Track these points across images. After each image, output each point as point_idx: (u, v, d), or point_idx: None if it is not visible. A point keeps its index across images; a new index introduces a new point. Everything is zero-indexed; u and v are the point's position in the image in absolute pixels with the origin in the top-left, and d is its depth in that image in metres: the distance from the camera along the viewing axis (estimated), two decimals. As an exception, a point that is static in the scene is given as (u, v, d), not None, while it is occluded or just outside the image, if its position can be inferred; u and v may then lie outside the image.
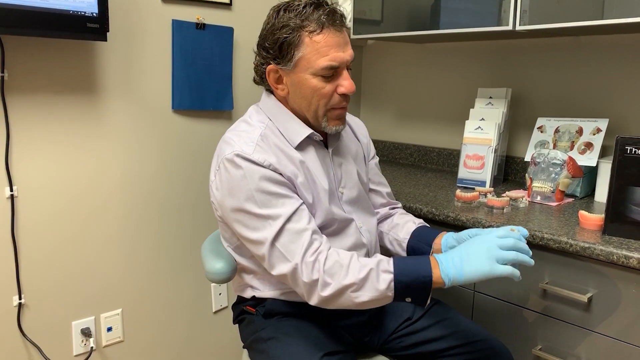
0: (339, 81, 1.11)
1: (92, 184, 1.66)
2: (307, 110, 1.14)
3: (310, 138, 1.17)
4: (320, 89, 1.10)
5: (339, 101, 1.13)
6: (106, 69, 1.63)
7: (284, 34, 1.07)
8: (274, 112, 1.17)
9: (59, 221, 1.60)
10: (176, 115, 1.82)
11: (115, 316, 1.76)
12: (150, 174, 1.78)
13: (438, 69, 2.11)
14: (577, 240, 1.17)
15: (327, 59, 1.07)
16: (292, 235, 1.03)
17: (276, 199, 1.05)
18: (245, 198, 1.05)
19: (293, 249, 1.02)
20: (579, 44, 1.71)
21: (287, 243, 1.03)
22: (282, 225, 1.03)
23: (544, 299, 1.26)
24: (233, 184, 1.07)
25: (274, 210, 1.04)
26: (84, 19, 1.43)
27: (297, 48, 1.07)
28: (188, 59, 1.79)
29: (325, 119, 1.14)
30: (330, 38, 1.07)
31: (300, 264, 1.01)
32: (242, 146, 1.08)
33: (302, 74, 1.09)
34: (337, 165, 1.22)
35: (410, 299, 1.03)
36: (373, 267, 1.02)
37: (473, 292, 1.41)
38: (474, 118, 1.79)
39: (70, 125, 1.59)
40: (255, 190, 1.05)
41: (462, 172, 1.76)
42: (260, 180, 1.05)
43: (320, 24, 1.07)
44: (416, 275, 1.01)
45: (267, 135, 1.13)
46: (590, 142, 1.61)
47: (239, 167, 1.06)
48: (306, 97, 1.12)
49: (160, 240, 1.84)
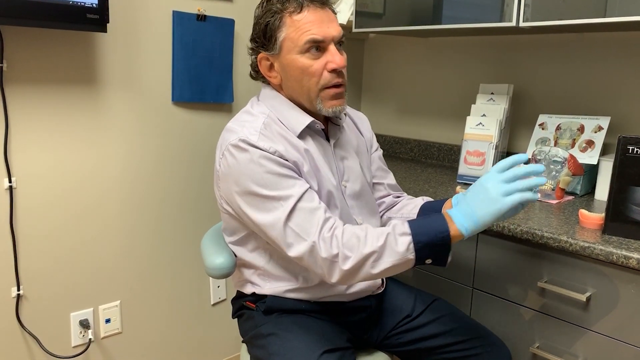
0: (327, 57, 1.09)
1: (92, 175, 1.65)
2: (300, 94, 1.13)
3: (311, 128, 1.16)
4: (309, 67, 1.09)
5: (330, 78, 1.10)
6: (106, 61, 1.62)
7: (266, 19, 1.10)
8: (272, 102, 1.17)
9: (58, 213, 1.60)
10: (176, 108, 1.81)
11: (113, 308, 1.76)
12: (150, 166, 1.77)
13: (440, 64, 2.10)
14: (576, 240, 1.16)
15: (308, 34, 1.07)
16: (306, 214, 1.02)
17: (285, 180, 1.04)
18: (253, 181, 1.04)
19: (308, 227, 1.01)
20: (582, 40, 1.70)
21: (301, 222, 1.01)
22: (294, 205, 1.02)
23: (542, 297, 1.27)
24: (240, 168, 1.06)
25: (284, 192, 1.03)
26: (83, 10, 1.42)
27: (279, 30, 1.08)
28: (188, 51, 1.78)
29: (319, 101, 1.12)
30: (310, 15, 1.08)
31: (318, 240, 1.00)
32: (246, 134, 1.08)
33: (289, 56, 1.09)
34: (339, 158, 1.22)
35: (430, 260, 1.00)
36: (390, 232, 1.00)
37: (472, 289, 1.41)
38: (475, 114, 1.78)
39: (70, 116, 1.58)
40: (264, 172, 1.04)
41: (462, 169, 1.76)
42: (267, 162, 1.04)
43: (299, 3, 1.08)
44: (434, 232, 0.98)
45: (269, 124, 1.12)
46: (592, 140, 1.60)
47: (245, 151, 1.05)
48: (297, 78, 1.11)
49: (160, 232, 1.84)
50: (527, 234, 1.24)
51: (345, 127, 1.27)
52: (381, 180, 1.38)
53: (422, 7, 1.73)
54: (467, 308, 1.42)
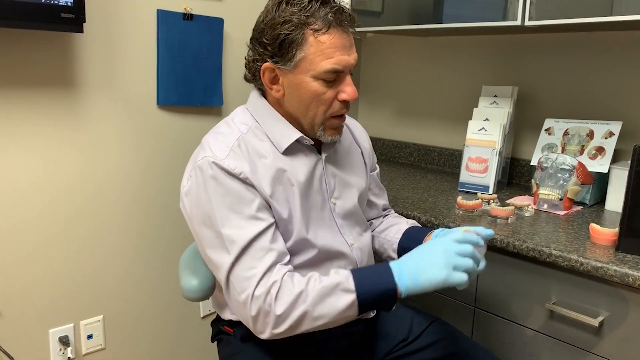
0: (341, 87, 1.01)
1: (72, 185, 1.56)
2: (303, 116, 1.04)
3: (300, 142, 1.06)
4: (321, 94, 1.00)
5: (339, 108, 1.03)
6: (85, 62, 1.53)
7: (285, 30, 0.96)
8: (261, 113, 1.07)
9: (35, 224, 1.51)
10: (162, 112, 1.71)
11: (96, 323, 1.67)
12: (133, 173, 1.68)
13: (440, 64, 2.00)
14: (588, 259, 1.07)
15: (331, 62, 0.97)
16: (248, 263, 0.94)
17: (240, 217, 0.96)
18: (210, 209, 0.96)
19: (245, 284, 0.94)
20: (591, 39, 1.60)
21: (240, 273, 0.94)
22: (239, 252, 0.94)
23: (550, 319, 1.17)
24: (201, 193, 0.98)
25: (234, 232, 0.95)
26: (57, 9, 1.32)
27: (299, 47, 0.97)
28: (174, 52, 1.68)
29: (322, 128, 1.05)
30: (336, 39, 0.97)
31: (250, 298, 0.93)
32: (215, 151, 0.99)
33: (302, 76, 0.99)
34: (330, 173, 1.12)
35: (375, 312, 0.99)
36: (332, 288, 0.93)
37: (473, 308, 1.31)
38: (478, 118, 1.68)
39: (46, 123, 1.49)
40: (223, 202, 0.96)
41: (464, 176, 1.66)
42: (228, 193, 0.96)
43: (327, 22, 0.96)
44: (379, 290, 0.93)
45: (246, 140, 1.03)
46: (602, 146, 1.50)
47: (209, 176, 0.97)
48: (304, 101, 1.01)
49: (145, 243, 1.75)
50: (534, 252, 1.14)
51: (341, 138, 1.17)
52: (376, 200, 1.30)
53: (422, 4, 1.64)
54: (468, 328, 1.32)
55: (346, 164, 1.17)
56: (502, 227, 1.27)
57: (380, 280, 0.93)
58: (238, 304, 0.95)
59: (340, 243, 1.10)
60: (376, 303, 0.94)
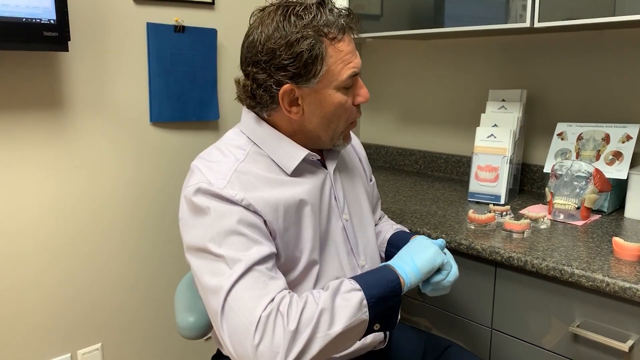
0: (356, 90, 0.97)
1: (65, 209, 1.49)
2: (325, 131, 0.97)
3: (306, 160, 0.99)
4: (344, 103, 0.95)
5: (356, 113, 1.00)
6: (72, 82, 1.46)
7: (306, 46, 0.88)
8: (260, 134, 0.97)
9: (27, 250, 1.44)
10: (155, 129, 1.64)
11: (94, 352, 1.61)
12: (129, 195, 1.61)
13: (444, 67, 1.92)
14: (614, 279, 0.99)
15: (351, 67, 0.93)
16: (253, 285, 0.83)
17: (242, 240, 0.86)
18: (206, 235, 0.86)
19: (250, 304, 0.82)
20: (603, 38, 1.52)
21: (243, 294, 0.82)
22: (242, 273, 0.83)
23: (575, 343, 1.09)
24: (196, 221, 0.89)
25: (238, 253, 0.85)
26: (39, 27, 1.25)
27: (323, 61, 0.90)
28: (166, 66, 1.61)
29: (341, 137, 1.01)
30: (348, 43, 0.93)
31: (257, 321, 0.80)
32: (210, 178, 0.89)
33: (325, 90, 0.92)
34: (338, 188, 1.05)
35: (379, 325, 0.88)
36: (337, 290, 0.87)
37: (490, 330, 1.24)
38: (486, 124, 1.60)
39: (34, 146, 1.42)
40: (221, 226, 0.86)
41: (473, 185, 1.58)
42: (228, 215, 0.87)
43: (341, 28, 0.91)
44: (386, 280, 0.89)
45: (245, 169, 0.93)
46: (619, 151, 1.42)
47: (205, 201, 0.88)
48: (327, 116, 0.95)
49: (142, 267, 1.68)
50: (555, 271, 1.07)
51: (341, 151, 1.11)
52: (374, 211, 1.24)
53: (423, 5, 1.57)
54: (485, 352, 1.24)
55: (351, 175, 1.11)
56: (518, 243, 1.19)
57: (381, 275, 0.90)
58: (237, 331, 0.81)
59: (352, 267, 1.03)
60: (384, 299, 0.87)
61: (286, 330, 0.79)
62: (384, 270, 0.91)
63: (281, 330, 0.79)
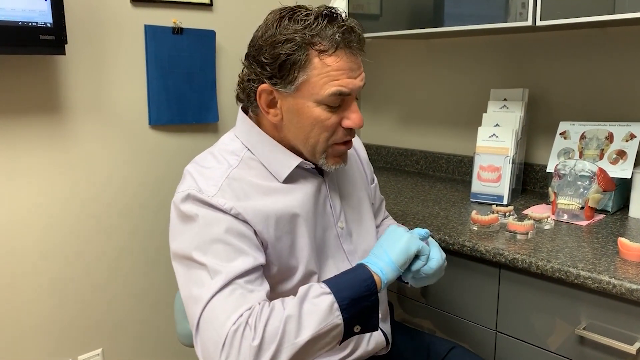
0: (346, 113, 0.91)
1: (64, 213, 1.48)
2: (303, 144, 0.93)
3: (300, 167, 0.97)
4: (324, 120, 0.90)
5: (342, 135, 0.93)
6: (69, 85, 1.45)
7: (287, 49, 0.86)
8: (253, 140, 0.96)
9: (25, 256, 1.43)
10: (155, 132, 1.63)
11: (95, 357, 1.59)
12: (128, 199, 1.60)
13: (445, 67, 1.91)
14: (621, 280, 0.97)
15: (336, 84, 0.87)
16: (230, 298, 0.81)
17: (229, 251, 0.84)
18: (192, 243, 0.85)
19: (222, 317, 0.80)
20: (606, 35, 1.51)
21: (220, 305, 0.81)
22: (225, 283, 0.81)
23: (581, 345, 1.08)
24: (182, 228, 0.88)
25: (221, 263, 0.83)
26: (36, 31, 1.24)
27: (302, 69, 0.87)
28: (165, 68, 1.60)
29: (324, 156, 0.95)
30: (343, 61, 0.87)
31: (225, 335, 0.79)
32: (202, 185, 0.88)
33: (303, 101, 0.89)
34: (334, 196, 1.03)
35: (359, 327, 0.84)
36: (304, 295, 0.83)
37: (495, 332, 1.22)
38: (488, 124, 1.59)
39: (32, 150, 1.41)
40: (207, 235, 0.85)
41: (475, 186, 1.57)
42: (215, 223, 0.85)
43: (334, 43, 0.86)
44: (358, 280, 0.85)
45: (238, 175, 0.92)
46: (623, 149, 1.41)
47: (193, 210, 0.87)
48: (304, 128, 0.91)
49: (143, 271, 1.66)
50: (560, 272, 1.05)
51: None
52: (377, 213, 1.22)
53: (422, 3, 1.55)
54: (490, 354, 1.23)
55: (350, 180, 1.09)
56: (522, 244, 1.17)
57: (354, 275, 0.86)
58: (207, 346, 0.79)
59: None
60: (359, 299, 0.83)
61: (251, 346, 0.76)
62: (357, 269, 0.87)
63: (247, 345, 0.77)
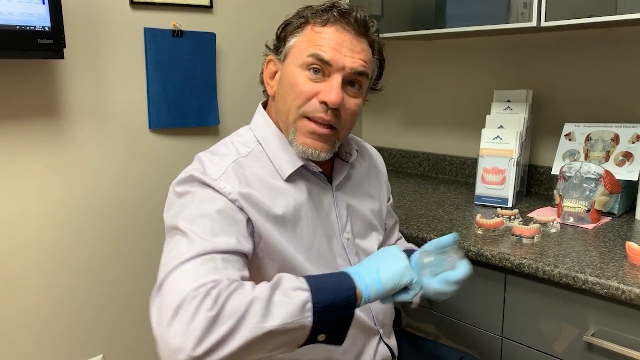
0: (325, 86, 0.89)
1: (64, 218, 1.46)
2: (281, 114, 0.93)
3: (307, 169, 0.95)
4: (299, 84, 0.89)
5: (317, 108, 0.89)
6: (68, 89, 1.43)
7: (289, 19, 0.96)
8: (265, 134, 0.96)
9: (25, 261, 1.41)
10: (154, 136, 1.61)
11: (96, 363, 1.58)
12: (129, 203, 1.58)
13: (448, 68, 1.89)
14: (630, 286, 0.96)
15: (316, 48, 0.89)
16: (203, 268, 0.74)
17: (216, 225, 0.80)
18: (181, 213, 0.82)
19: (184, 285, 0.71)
20: (611, 36, 1.49)
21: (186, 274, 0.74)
22: (201, 252, 0.76)
23: (589, 352, 1.06)
24: (178, 200, 0.86)
25: (205, 232, 0.78)
26: (34, 35, 1.22)
27: (293, 34, 0.93)
28: (165, 71, 1.58)
29: (293, 130, 0.91)
30: (334, 33, 0.89)
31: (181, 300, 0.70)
32: (207, 168, 0.88)
33: (290, 67, 0.92)
34: (342, 205, 1.00)
35: (324, 336, 0.75)
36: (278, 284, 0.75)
37: (501, 338, 1.20)
38: (492, 126, 1.57)
39: (31, 155, 1.39)
40: (197, 208, 0.82)
41: (479, 188, 1.55)
42: (210, 200, 0.83)
43: (328, 17, 0.91)
44: (339, 290, 0.76)
45: (244, 163, 0.91)
46: (629, 151, 1.39)
47: (193, 186, 0.86)
48: (284, 94, 0.92)
49: (144, 276, 1.64)
50: (567, 278, 1.03)
51: (356, 165, 1.06)
52: (391, 234, 1.20)
53: (424, 4, 1.54)
54: (496, 361, 1.22)
55: (364, 194, 1.05)
56: (528, 249, 1.16)
57: (337, 280, 0.78)
58: (162, 308, 0.70)
59: None
60: (335, 307, 0.74)
61: (207, 316, 0.67)
62: (342, 276, 0.79)
63: (202, 314, 0.68)
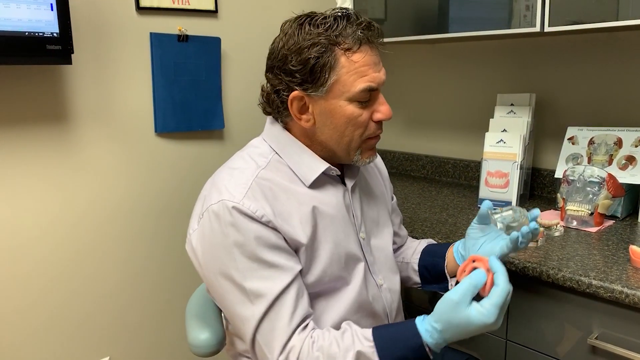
0: (375, 106, 0.94)
1: (70, 222, 1.48)
2: (337, 143, 0.95)
3: (326, 174, 0.98)
4: (357, 117, 0.92)
5: (374, 129, 0.96)
6: (76, 95, 1.44)
7: (314, 53, 0.88)
8: (282, 144, 0.97)
9: (34, 265, 1.42)
10: (160, 139, 1.63)
11: (102, 365, 1.59)
12: (135, 207, 1.59)
13: (451, 72, 1.90)
14: (634, 289, 0.97)
15: (366, 80, 0.90)
16: (275, 322, 0.87)
17: (265, 268, 0.87)
18: (230, 262, 0.87)
19: (273, 344, 0.87)
20: (615, 39, 1.50)
21: (268, 333, 0.87)
22: (268, 307, 0.86)
23: (593, 355, 1.07)
24: (216, 241, 0.88)
25: (260, 284, 0.87)
26: (42, 41, 1.24)
27: (332, 70, 0.89)
28: (170, 76, 1.60)
29: (359, 152, 0.97)
30: (367, 55, 0.91)
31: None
32: (232, 191, 0.89)
33: (335, 101, 0.91)
34: (357, 205, 1.03)
35: None
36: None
37: (505, 340, 1.21)
38: (495, 129, 1.58)
39: (39, 160, 1.40)
40: (242, 254, 0.86)
41: (483, 192, 1.56)
42: (248, 241, 0.86)
43: (357, 40, 0.89)
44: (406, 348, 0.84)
45: (266, 176, 0.93)
46: (632, 155, 1.40)
47: (228, 223, 0.87)
48: (338, 128, 0.93)
49: (150, 280, 1.66)
50: (571, 281, 1.04)
51: (361, 167, 1.09)
52: (398, 231, 1.21)
53: (427, 8, 1.55)
54: (500, 363, 1.22)
55: (371, 193, 1.09)
56: (532, 252, 1.17)
57: (404, 338, 0.85)
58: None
59: (371, 286, 1.01)
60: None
61: None
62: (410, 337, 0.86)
63: None
